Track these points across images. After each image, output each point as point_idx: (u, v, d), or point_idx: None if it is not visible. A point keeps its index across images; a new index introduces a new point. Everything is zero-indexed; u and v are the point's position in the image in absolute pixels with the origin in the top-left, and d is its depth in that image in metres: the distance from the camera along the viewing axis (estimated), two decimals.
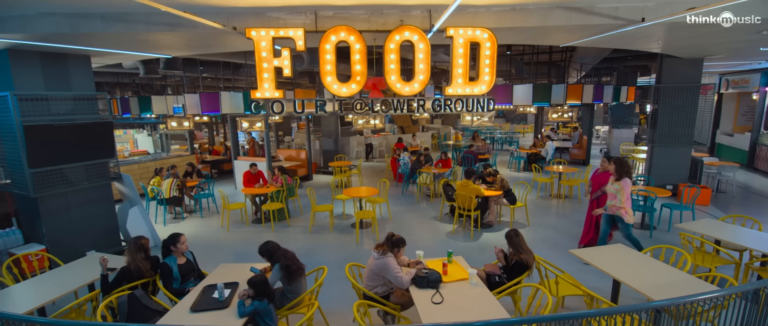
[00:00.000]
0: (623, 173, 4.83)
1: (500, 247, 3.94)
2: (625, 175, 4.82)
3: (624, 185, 4.81)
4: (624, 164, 4.87)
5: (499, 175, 6.76)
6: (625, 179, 4.81)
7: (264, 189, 7.26)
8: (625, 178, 4.82)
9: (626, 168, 4.84)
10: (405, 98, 4.35)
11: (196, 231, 7.02)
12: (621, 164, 4.87)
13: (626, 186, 4.80)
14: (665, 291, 3.31)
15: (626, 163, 4.90)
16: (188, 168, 8.56)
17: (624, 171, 4.83)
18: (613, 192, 4.91)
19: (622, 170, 4.84)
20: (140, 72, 7.93)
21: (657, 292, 3.31)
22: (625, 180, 4.81)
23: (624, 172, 4.83)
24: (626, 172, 4.83)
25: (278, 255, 3.41)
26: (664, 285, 3.41)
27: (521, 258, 3.59)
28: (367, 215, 6.32)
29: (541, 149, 12.02)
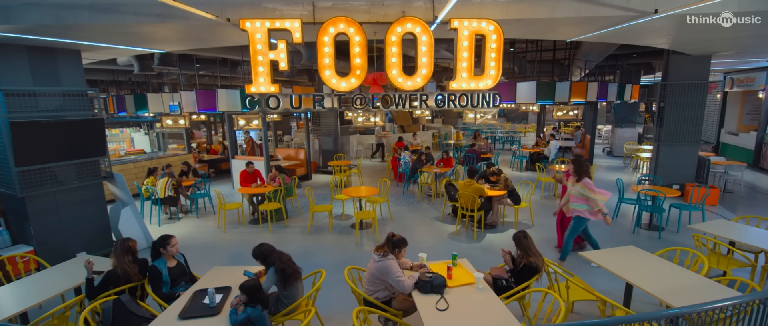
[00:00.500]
0: (582, 173, 4.55)
1: (507, 249, 3.75)
2: (584, 175, 4.55)
3: (587, 185, 4.54)
4: (581, 163, 4.58)
5: (502, 175, 6.58)
6: (585, 179, 4.54)
7: (261, 188, 7.07)
8: (586, 178, 4.56)
9: (584, 167, 4.56)
10: (407, 93, 4.16)
11: (191, 232, 6.83)
12: (578, 164, 4.59)
13: (590, 185, 4.55)
14: (682, 296, 3.13)
15: (583, 162, 4.63)
16: (184, 167, 8.37)
17: (582, 170, 4.56)
18: (576, 195, 4.64)
19: (581, 170, 4.56)
20: (135, 68, 7.74)
21: (673, 297, 3.12)
22: (585, 180, 4.54)
23: (582, 172, 4.56)
24: (585, 172, 4.57)
25: (273, 258, 3.22)
26: (680, 290, 3.23)
27: (530, 261, 3.40)
28: (367, 215, 6.13)
29: (543, 148, 11.83)
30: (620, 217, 7.04)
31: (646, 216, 6.73)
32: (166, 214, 7.80)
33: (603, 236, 6.21)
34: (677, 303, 3.02)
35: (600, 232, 6.34)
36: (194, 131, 19.17)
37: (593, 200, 4.52)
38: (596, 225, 6.62)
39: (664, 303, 3.20)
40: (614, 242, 5.96)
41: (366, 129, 18.53)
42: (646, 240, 5.99)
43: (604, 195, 4.52)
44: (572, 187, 4.68)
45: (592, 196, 4.51)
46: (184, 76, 11.52)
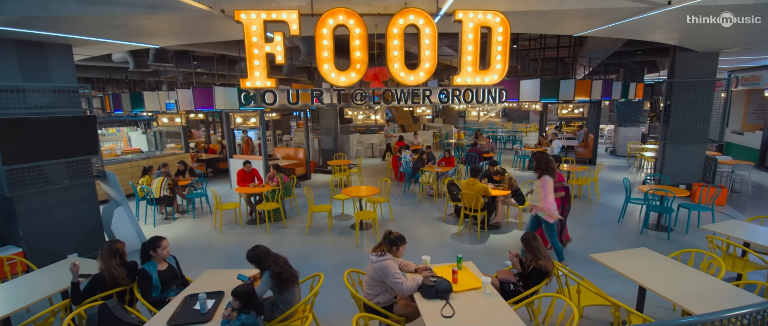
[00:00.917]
0: (541, 170, 4.54)
1: (515, 252, 3.57)
2: (544, 173, 4.52)
3: (542, 183, 4.51)
4: (542, 160, 4.57)
5: (506, 174, 6.40)
6: (544, 177, 4.51)
7: (259, 188, 6.90)
8: (545, 176, 4.51)
9: (544, 164, 4.53)
10: (409, 89, 3.99)
11: (187, 233, 6.65)
12: (539, 160, 4.60)
13: (544, 184, 4.50)
14: (700, 301, 2.95)
15: (545, 159, 4.59)
16: (180, 166, 8.20)
17: (541, 167, 4.55)
18: (535, 190, 4.65)
19: (540, 167, 4.56)
20: (130, 65, 7.57)
21: (691, 302, 2.95)
22: (544, 178, 4.51)
23: (541, 169, 4.54)
24: (545, 169, 4.52)
25: (268, 261, 3.05)
26: (698, 294, 3.05)
27: (540, 264, 3.22)
28: (367, 216, 5.96)
29: (546, 147, 11.66)
30: (627, 218, 6.87)
31: (653, 217, 6.55)
32: (162, 215, 7.63)
33: (610, 237, 6.05)
34: (697, 309, 2.86)
35: (608, 234, 6.19)
36: (193, 130, 19.01)
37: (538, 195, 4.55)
38: (605, 226, 6.47)
39: (677, 307, 3.04)
40: (622, 243, 5.79)
41: (366, 128, 18.38)
42: (655, 241, 5.81)
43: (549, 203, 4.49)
44: (535, 183, 4.71)
45: (539, 193, 4.53)
46: (181, 74, 11.36)
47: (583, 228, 6.47)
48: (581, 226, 6.54)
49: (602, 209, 7.53)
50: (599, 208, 7.57)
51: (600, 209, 7.52)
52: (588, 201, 7.99)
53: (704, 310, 2.83)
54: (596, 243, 5.81)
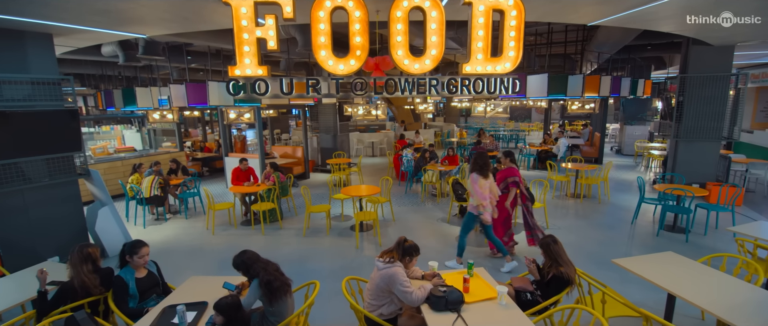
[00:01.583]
0: (476, 168, 4.44)
1: (531, 257, 3.24)
2: (473, 170, 4.44)
3: (471, 180, 4.44)
4: (477, 158, 4.46)
5: None
6: (472, 175, 4.44)
7: (254, 187, 6.56)
8: (473, 174, 4.43)
9: (478, 163, 4.42)
10: (414, 78, 3.65)
11: (178, 235, 6.32)
12: (474, 158, 4.49)
13: (472, 182, 4.43)
14: (742, 312, 2.62)
15: (481, 157, 4.47)
16: (172, 165, 7.86)
17: (477, 166, 4.43)
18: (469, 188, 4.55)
19: (476, 165, 4.45)
20: (120, 59, 7.25)
21: (734, 314, 2.62)
22: (471, 175, 4.44)
23: (476, 167, 4.44)
24: (480, 168, 4.42)
25: (257, 268, 2.72)
26: (738, 305, 2.72)
27: (561, 271, 2.89)
28: (367, 216, 5.63)
29: (552, 146, 11.34)
30: (640, 218, 6.54)
31: (668, 218, 6.22)
32: (153, 215, 7.29)
33: (624, 239, 5.72)
34: (741, 322, 2.53)
35: (623, 235, 5.85)
36: (190, 130, 18.67)
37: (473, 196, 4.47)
38: (618, 227, 6.13)
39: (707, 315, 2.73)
40: (638, 246, 5.46)
41: (367, 127, 18.05)
42: (673, 243, 5.48)
43: (481, 198, 4.42)
44: None
45: (471, 191, 4.47)
46: (175, 70, 11.03)
47: (595, 229, 6.14)
48: (593, 228, 6.21)
49: (613, 209, 7.20)
50: (610, 209, 7.24)
51: (611, 209, 7.19)
52: (598, 202, 7.66)
53: (750, 323, 2.51)
54: (611, 246, 5.48)
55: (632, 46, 9.98)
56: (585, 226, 6.30)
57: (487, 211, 4.42)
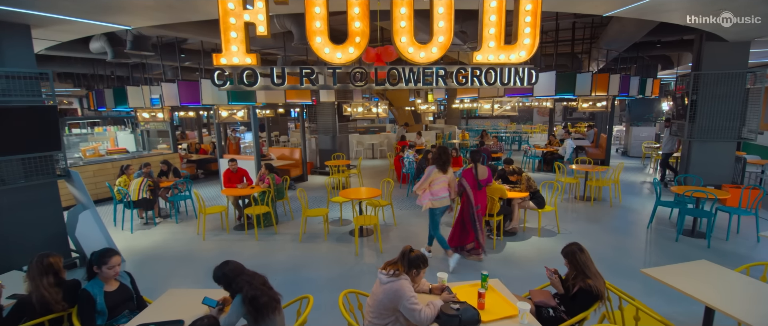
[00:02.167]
0: (434, 161, 4.70)
1: (552, 267, 2.88)
2: (434, 163, 4.70)
3: (426, 173, 4.71)
4: (440, 153, 4.68)
5: (524, 174, 5.71)
6: (429, 167, 4.72)
7: (246, 190, 6.20)
8: (431, 166, 4.70)
9: (441, 158, 4.64)
10: (419, 68, 3.31)
11: (166, 240, 5.95)
12: (437, 152, 4.73)
13: (426, 173, 4.70)
14: None
15: (444, 153, 4.69)
16: (163, 166, 7.51)
17: (436, 159, 4.68)
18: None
19: (436, 159, 4.69)
20: (108, 55, 6.92)
21: None
22: (429, 168, 4.72)
23: (435, 160, 4.69)
24: (437, 162, 4.66)
25: (241, 281, 2.36)
26: None
27: (589, 284, 2.54)
28: (368, 221, 5.27)
29: (557, 148, 11.00)
30: (657, 223, 6.18)
31: (688, 221, 5.87)
32: (142, 219, 6.93)
33: (642, 246, 5.36)
34: None
35: (640, 241, 5.50)
36: (187, 132, 18.33)
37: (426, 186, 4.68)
38: (634, 232, 5.77)
39: None
40: (659, 252, 5.09)
41: (366, 129, 17.72)
42: (695, 250, 5.12)
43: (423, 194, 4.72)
44: None
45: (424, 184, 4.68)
46: (170, 69, 10.70)
47: (610, 234, 5.78)
48: (607, 232, 5.85)
49: (626, 213, 6.84)
50: (622, 212, 6.88)
51: (623, 213, 6.84)
52: (609, 205, 7.30)
53: None
54: (628, 253, 5.12)
55: (641, 44, 9.67)
56: (598, 231, 5.94)
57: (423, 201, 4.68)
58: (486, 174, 4.68)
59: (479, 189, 4.65)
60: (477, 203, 4.64)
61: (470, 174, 4.65)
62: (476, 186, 4.64)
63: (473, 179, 4.62)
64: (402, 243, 5.65)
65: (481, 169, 4.67)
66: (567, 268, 2.76)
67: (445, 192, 4.63)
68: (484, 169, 4.70)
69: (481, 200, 4.69)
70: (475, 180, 4.61)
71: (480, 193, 4.66)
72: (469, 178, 4.64)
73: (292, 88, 3.05)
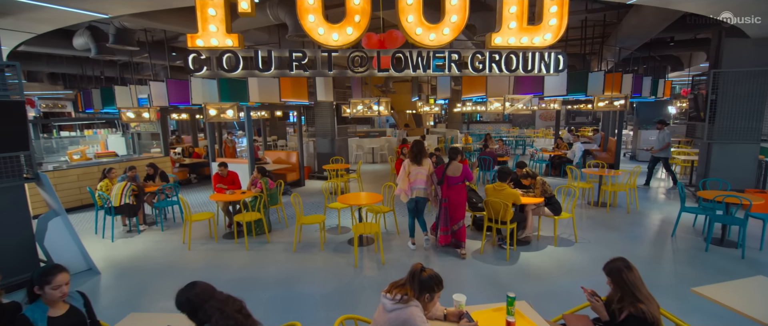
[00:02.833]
0: (411, 154, 4.93)
1: (590, 289, 2.41)
2: (409, 156, 4.96)
3: (402, 167, 5.01)
4: (412, 147, 4.96)
5: (538, 178, 5.25)
6: (405, 160, 5.00)
7: (236, 195, 5.73)
8: (406, 160, 5.00)
9: (412, 151, 4.93)
10: (429, 51, 2.86)
11: (148, 250, 5.47)
12: (410, 146, 5.00)
13: (403, 166, 4.99)
14: None
15: (416, 146, 4.96)
16: (149, 170, 7.04)
17: (409, 152, 4.96)
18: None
19: (411, 152, 4.94)
20: (92, 51, 6.50)
21: None
22: (405, 161, 4.99)
23: (411, 154, 4.93)
24: (410, 155, 4.94)
25: (210, 309, 1.88)
26: None
27: (641, 310, 2.06)
28: (368, 229, 4.79)
29: (566, 151, 10.55)
30: (681, 231, 5.70)
31: (717, 229, 5.40)
32: (125, 226, 6.44)
33: (671, 257, 4.88)
34: None
35: (666, 252, 5.01)
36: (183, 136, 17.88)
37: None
38: (658, 242, 5.27)
39: None
40: (688, 264, 4.60)
41: (367, 133, 17.28)
42: (728, 261, 4.65)
43: (403, 185, 4.94)
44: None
45: (404, 178, 4.93)
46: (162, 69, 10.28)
47: (632, 243, 5.30)
48: (629, 242, 5.37)
49: (645, 220, 6.37)
50: (641, 219, 6.41)
51: (643, 220, 6.36)
52: (626, 211, 6.83)
53: None
54: (655, 264, 4.65)
55: (653, 43, 9.28)
56: (618, 240, 5.47)
57: (402, 193, 4.92)
58: (459, 172, 4.80)
59: (449, 186, 4.83)
60: (445, 197, 4.84)
61: (440, 171, 4.90)
62: (452, 181, 4.83)
63: (442, 175, 4.85)
64: (405, 254, 5.20)
65: (455, 167, 4.79)
66: (610, 289, 2.29)
67: (424, 183, 4.89)
68: (458, 167, 4.80)
69: (450, 194, 4.84)
70: (444, 177, 4.83)
71: (450, 189, 4.82)
72: (439, 174, 4.92)
73: (281, 75, 2.61)
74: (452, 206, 4.81)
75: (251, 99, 6.65)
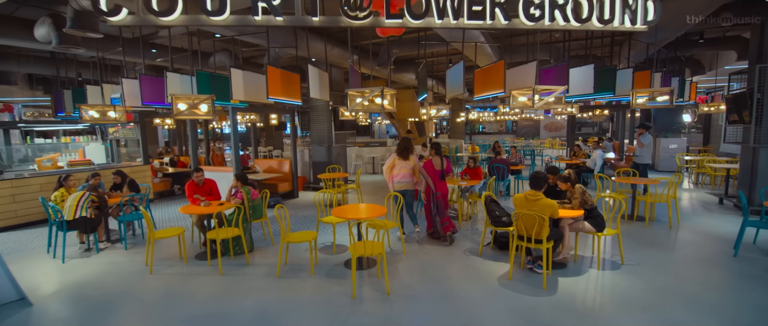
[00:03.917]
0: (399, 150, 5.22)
1: None
2: (396, 153, 5.24)
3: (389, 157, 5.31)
4: (400, 143, 5.26)
5: (578, 185, 4.31)
6: (393, 156, 5.27)
7: (212, 208, 4.80)
8: (393, 155, 5.27)
9: (400, 147, 5.20)
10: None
11: (102, 273, 4.50)
12: (398, 143, 5.30)
13: (390, 159, 5.27)
14: None
15: (403, 142, 5.25)
16: (115, 178, 6.10)
17: (397, 148, 5.23)
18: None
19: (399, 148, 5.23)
20: (52, 41, 5.66)
21: None
22: (393, 156, 5.26)
23: (399, 149, 5.21)
24: (398, 150, 5.20)
25: None
26: None
27: None
28: (370, 249, 3.84)
29: (585, 160, 9.67)
30: (743, 249, 4.77)
31: None
32: (83, 244, 5.47)
33: (738, 280, 3.90)
34: None
35: (733, 274, 4.02)
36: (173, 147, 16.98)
37: None
38: (720, 263, 4.23)
39: None
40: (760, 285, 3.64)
41: (367, 143, 16.43)
42: None
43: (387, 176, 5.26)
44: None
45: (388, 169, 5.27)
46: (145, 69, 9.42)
47: (693, 267, 4.35)
48: (688, 265, 4.43)
49: (695, 236, 5.43)
50: (690, 235, 5.47)
51: (692, 236, 5.43)
52: (669, 226, 5.89)
53: None
54: (729, 292, 3.69)
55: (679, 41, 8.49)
56: (672, 261, 4.52)
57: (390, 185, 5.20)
58: (446, 165, 5.26)
59: (442, 179, 5.16)
60: (437, 190, 5.10)
61: (430, 166, 5.13)
62: (438, 176, 5.13)
63: (433, 169, 5.11)
64: (415, 280, 4.20)
65: (440, 160, 5.17)
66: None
67: (408, 177, 5.12)
68: (443, 160, 5.21)
69: (442, 188, 5.15)
70: (435, 170, 5.12)
71: (441, 182, 5.15)
72: (430, 169, 5.13)
73: (243, 24, 1.75)
74: (444, 198, 5.18)
75: (235, 96, 5.77)
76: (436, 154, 5.22)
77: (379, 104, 4.11)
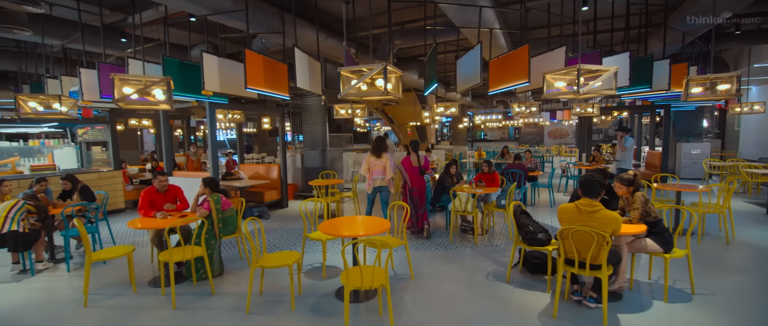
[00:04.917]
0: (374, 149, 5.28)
1: None
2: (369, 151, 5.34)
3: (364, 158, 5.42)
4: (374, 141, 5.29)
5: (639, 193, 3.35)
6: (365, 154, 5.43)
7: (170, 221, 3.82)
8: (366, 153, 5.40)
9: (372, 145, 5.28)
10: None
11: (28, 303, 3.51)
12: (373, 141, 5.33)
13: (365, 159, 5.38)
14: None
15: (378, 140, 5.28)
16: (64, 184, 5.11)
17: (371, 146, 5.30)
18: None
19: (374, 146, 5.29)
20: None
21: None
22: (366, 155, 5.38)
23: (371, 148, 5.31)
24: (371, 149, 5.28)
25: None
26: None
27: None
28: (368, 279, 2.85)
29: (606, 165, 8.73)
30: None
31: None
32: (17, 264, 4.46)
33: None
34: None
35: None
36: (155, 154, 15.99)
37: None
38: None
39: None
40: None
41: (365, 150, 15.53)
42: None
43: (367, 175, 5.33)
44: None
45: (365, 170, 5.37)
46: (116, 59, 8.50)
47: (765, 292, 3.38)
48: (759, 290, 3.46)
49: (763, 255, 4.47)
50: (757, 254, 4.51)
51: (760, 254, 4.47)
52: (725, 241, 4.93)
53: None
54: None
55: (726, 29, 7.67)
56: (752, 289, 3.56)
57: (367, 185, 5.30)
58: (424, 161, 5.35)
59: (421, 175, 5.27)
60: (414, 186, 5.24)
61: (408, 162, 5.26)
62: (415, 172, 5.24)
63: (410, 166, 5.24)
64: (429, 319, 2.90)
65: (418, 157, 5.29)
66: None
67: (381, 174, 5.20)
68: (421, 157, 5.32)
69: (418, 184, 5.26)
70: (413, 166, 5.24)
71: (417, 178, 5.24)
72: (407, 165, 5.26)
73: None
74: (419, 193, 5.29)
75: (207, 86, 4.84)
76: (414, 150, 5.35)
77: (381, 87, 3.17)
